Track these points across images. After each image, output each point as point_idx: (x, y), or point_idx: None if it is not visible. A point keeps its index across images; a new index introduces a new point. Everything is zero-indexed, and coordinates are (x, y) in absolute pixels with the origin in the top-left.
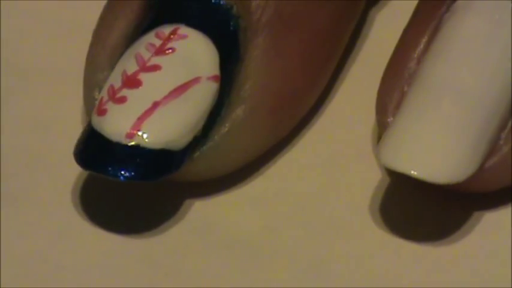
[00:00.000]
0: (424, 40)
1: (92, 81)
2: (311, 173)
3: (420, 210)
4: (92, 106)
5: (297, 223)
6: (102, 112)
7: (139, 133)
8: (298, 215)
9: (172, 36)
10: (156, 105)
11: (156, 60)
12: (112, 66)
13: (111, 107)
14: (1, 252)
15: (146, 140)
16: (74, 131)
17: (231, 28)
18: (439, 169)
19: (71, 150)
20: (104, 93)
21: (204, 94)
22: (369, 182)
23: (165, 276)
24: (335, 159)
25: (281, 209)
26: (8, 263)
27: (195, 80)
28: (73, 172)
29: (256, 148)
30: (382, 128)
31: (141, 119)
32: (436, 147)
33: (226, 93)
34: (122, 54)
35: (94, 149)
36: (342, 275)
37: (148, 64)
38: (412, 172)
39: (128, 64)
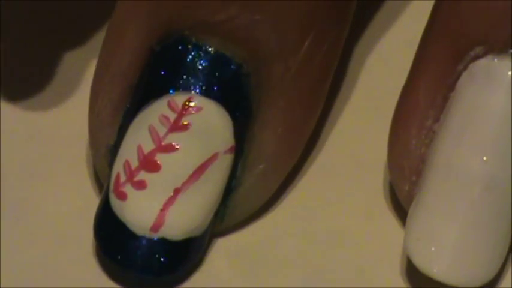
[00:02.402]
0: (440, 96)
1: (99, 137)
2: (312, 183)
3: None
4: (100, 163)
5: (298, 233)
6: (121, 196)
7: (164, 226)
8: (299, 225)
9: (186, 108)
10: (177, 192)
11: (172, 138)
12: (118, 120)
13: (130, 192)
14: (1, 262)
15: (172, 233)
16: (75, 140)
17: (243, 87)
18: (476, 275)
19: (71, 160)
20: (120, 169)
21: (222, 169)
22: (369, 192)
23: (165, 285)
24: (335, 169)
25: (281, 219)
26: (8, 273)
27: (213, 158)
28: (73, 181)
29: (274, 190)
30: (399, 190)
31: (164, 209)
32: (472, 253)
33: (240, 154)
34: (127, 108)
35: (118, 241)
36: (341, 285)
37: (165, 143)
38: (452, 283)
39: (143, 139)
